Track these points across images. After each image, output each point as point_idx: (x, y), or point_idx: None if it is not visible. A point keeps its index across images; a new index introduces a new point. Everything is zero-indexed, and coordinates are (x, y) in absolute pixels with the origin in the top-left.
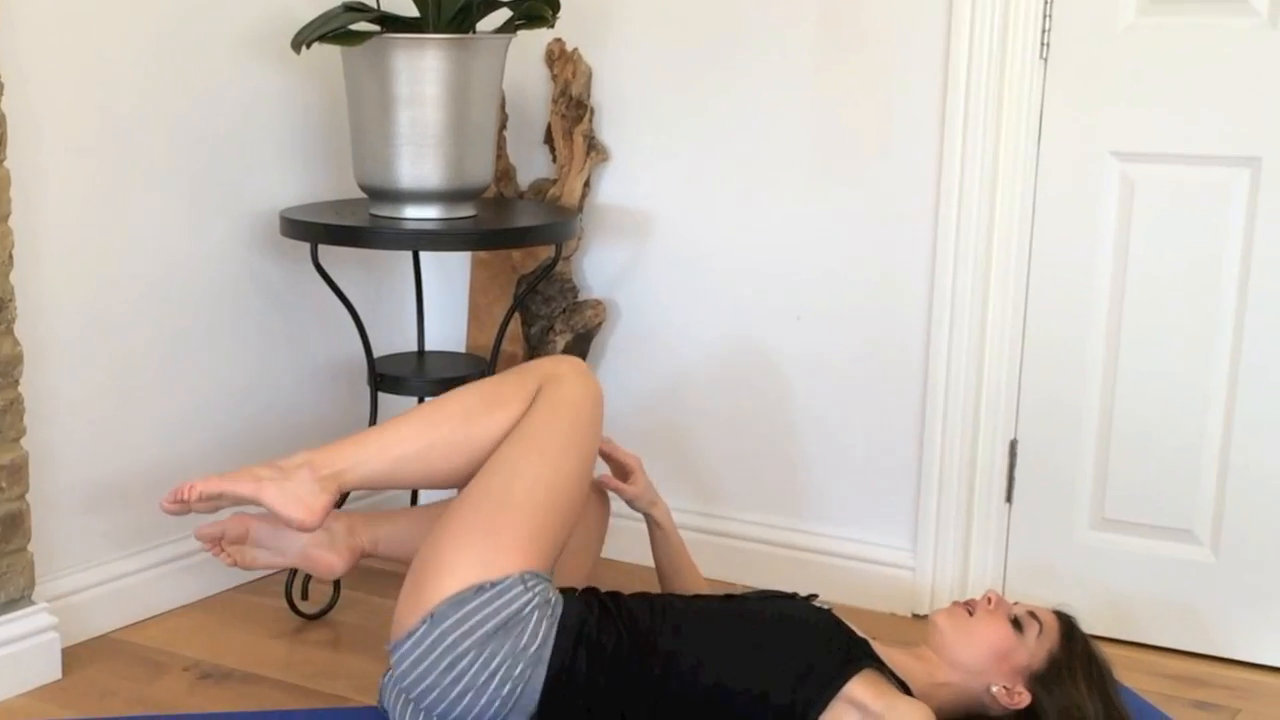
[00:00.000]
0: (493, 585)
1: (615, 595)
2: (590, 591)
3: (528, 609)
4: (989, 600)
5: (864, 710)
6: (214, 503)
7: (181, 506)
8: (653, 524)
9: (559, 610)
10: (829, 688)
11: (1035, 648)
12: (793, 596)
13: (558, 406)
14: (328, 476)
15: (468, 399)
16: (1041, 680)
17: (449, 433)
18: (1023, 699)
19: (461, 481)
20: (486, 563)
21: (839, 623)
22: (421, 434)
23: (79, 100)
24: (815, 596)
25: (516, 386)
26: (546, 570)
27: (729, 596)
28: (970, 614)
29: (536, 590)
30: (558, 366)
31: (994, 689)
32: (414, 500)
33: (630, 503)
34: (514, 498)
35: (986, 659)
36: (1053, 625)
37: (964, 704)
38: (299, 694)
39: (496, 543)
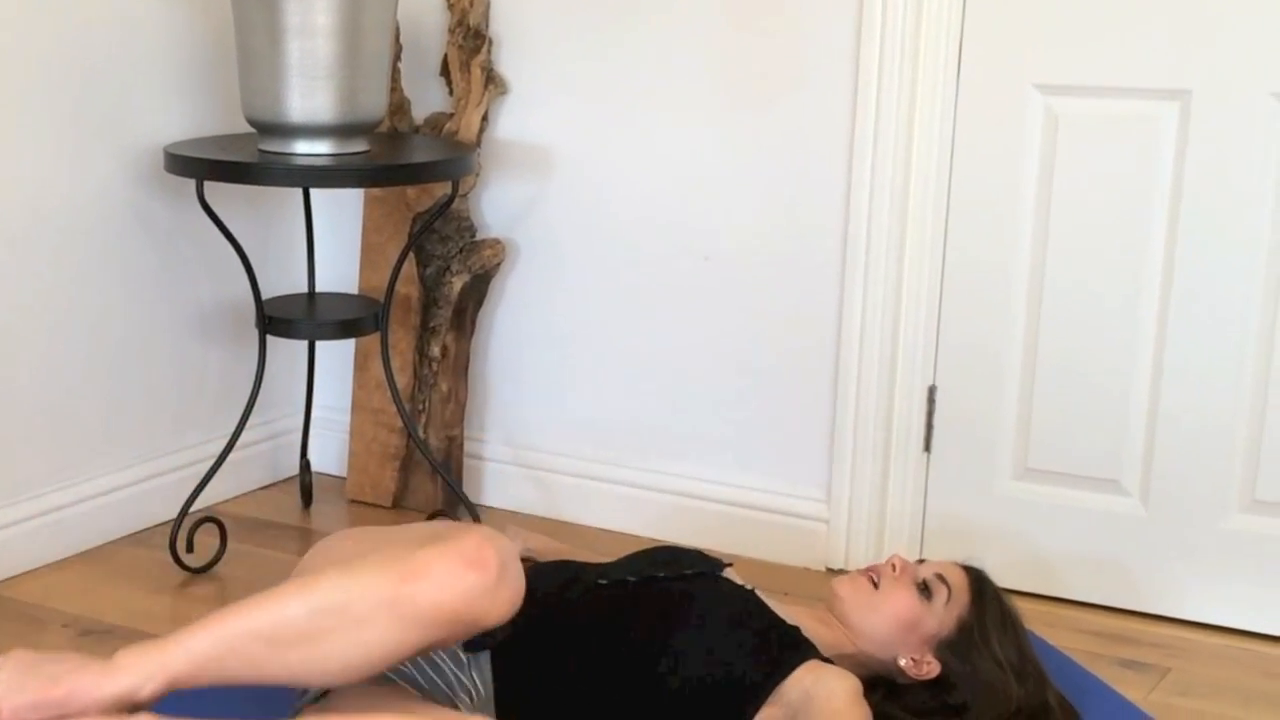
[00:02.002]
0: None
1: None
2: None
3: None
4: (893, 567)
5: (798, 692)
6: None
7: None
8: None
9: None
10: (759, 697)
11: (944, 615)
12: (709, 565)
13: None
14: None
15: (307, 603)
16: (952, 647)
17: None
18: (932, 669)
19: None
20: None
21: (764, 612)
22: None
23: None
24: (729, 565)
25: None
26: None
27: (641, 583)
28: (875, 585)
29: None
30: (430, 564)
31: (902, 661)
32: None
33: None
34: None
35: (893, 631)
36: (962, 587)
37: (873, 670)
38: None
39: None
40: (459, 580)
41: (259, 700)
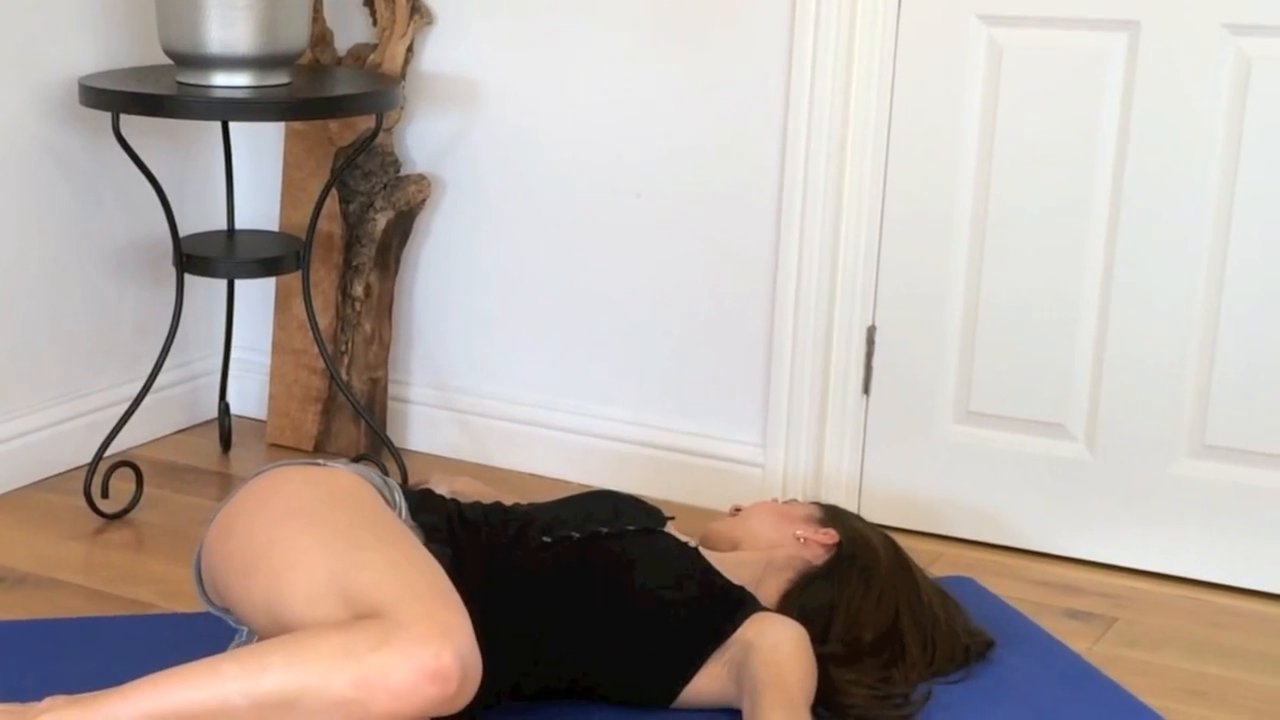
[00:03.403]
0: None
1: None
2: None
3: None
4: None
5: (739, 647)
6: None
7: None
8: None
9: None
10: (701, 657)
11: (806, 505)
12: (651, 520)
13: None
14: None
15: (253, 692)
16: (832, 519)
17: None
18: (829, 534)
19: None
20: None
21: (707, 571)
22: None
23: None
24: (671, 518)
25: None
26: None
27: (586, 540)
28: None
29: None
30: (388, 673)
31: (798, 534)
32: None
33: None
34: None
35: (774, 521)
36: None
37: (797, 569)
38: (100, 599)
39: None
40: (418, 694)
41: None
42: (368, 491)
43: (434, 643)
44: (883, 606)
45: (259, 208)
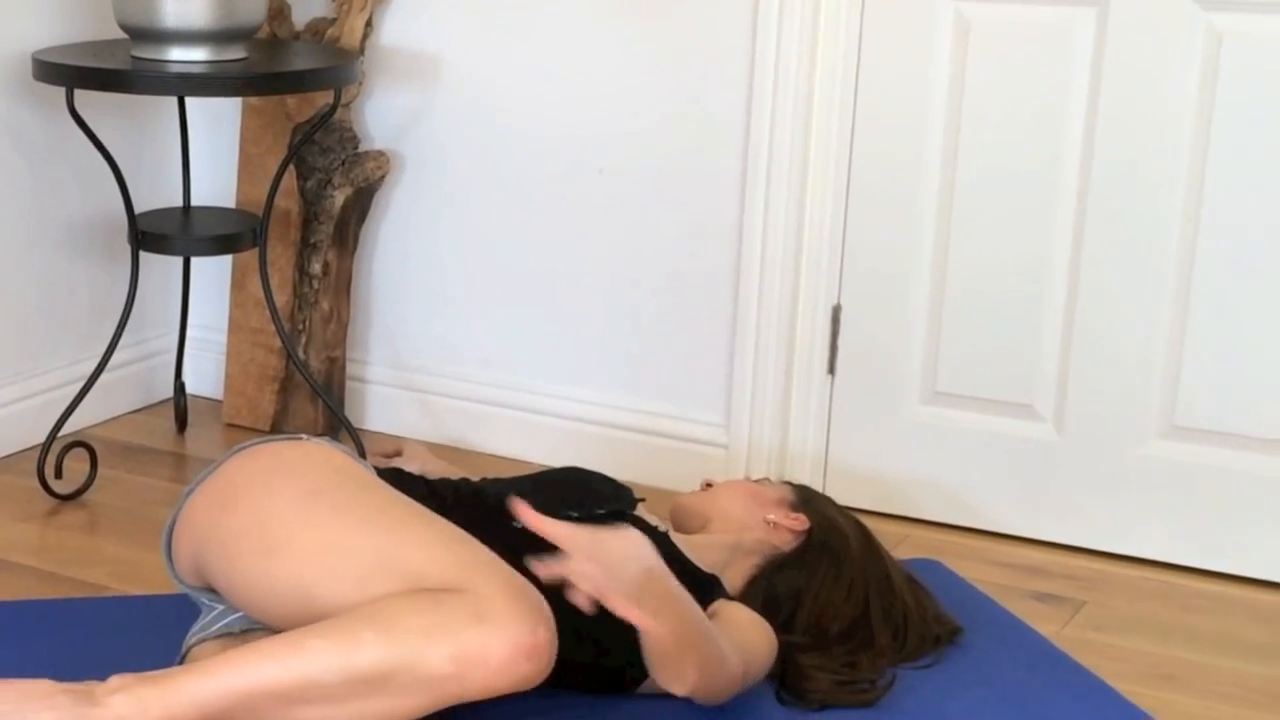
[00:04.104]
0: None
1: None
2: None
3: None
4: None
5: None
6: None
7: None
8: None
9: None
10: None
11: (779, 485)
12: (621, 502)
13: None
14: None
15: (346, 668)
16: (804, 502)
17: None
18: (800, 520)
19: None
20: None
21: (677, 557)
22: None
23: None
24: (642, 500)
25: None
26: None
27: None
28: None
29: None
30: (488, 650)
31: (768, 518)
32: None
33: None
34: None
35: (743, 502)
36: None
37: (765, 556)
38: (53, 582)
39: None
40: (515, 671)
41: None
42: (366, 468)
43: (530, 618)
44: (852, 596)
45: (215, 184)
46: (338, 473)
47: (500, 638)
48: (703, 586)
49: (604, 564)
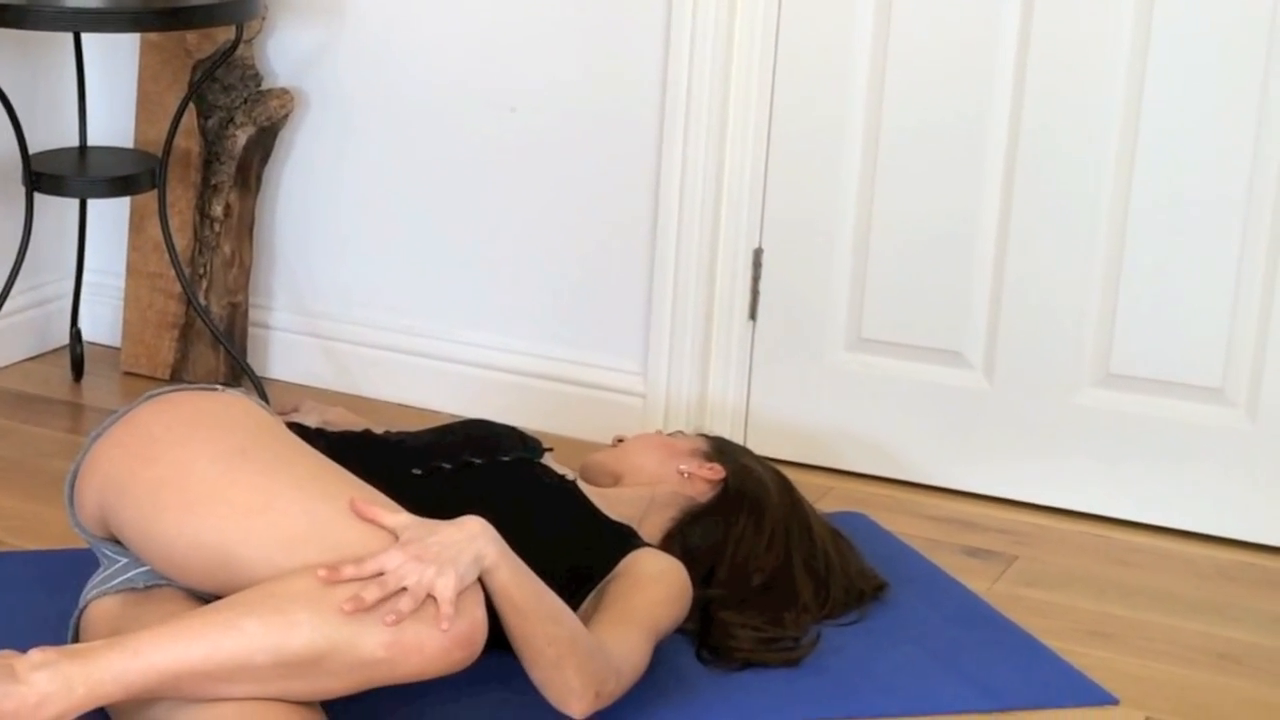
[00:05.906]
0: None
1: None
2: None
3: None
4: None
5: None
6: None
7: None
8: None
9: None
10: (583, 592)
11: (693, 437)
12: (527, 450)
13: None
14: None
15: (279, 650)
16: (718, 452)
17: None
18: (715, 469)
19: None
20: None
21: (584, 506)
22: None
23: None
24: (549, 450)
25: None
26: None
27: (457, 471)
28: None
29: None
30: (424, 641)
31: (682, 468)
32: None
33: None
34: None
35: (655, 454)
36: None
37: (682, 507)
38: None
39: None
40: (447, 658)
41: None
42: (283, 426)
43: (466, 606)
44: (773, 548)
45: (113, 124)
46: (262, 430)
47: (436, 627)
48: (617, 536)
49: (431, 554)
